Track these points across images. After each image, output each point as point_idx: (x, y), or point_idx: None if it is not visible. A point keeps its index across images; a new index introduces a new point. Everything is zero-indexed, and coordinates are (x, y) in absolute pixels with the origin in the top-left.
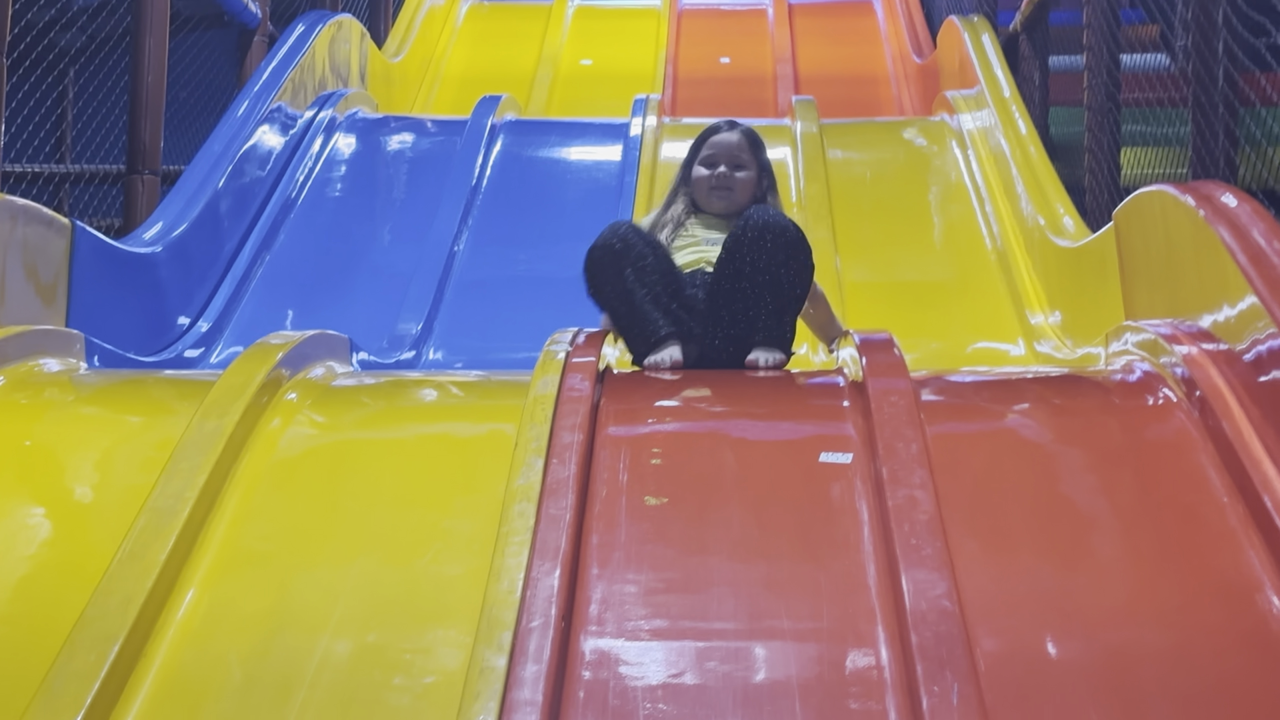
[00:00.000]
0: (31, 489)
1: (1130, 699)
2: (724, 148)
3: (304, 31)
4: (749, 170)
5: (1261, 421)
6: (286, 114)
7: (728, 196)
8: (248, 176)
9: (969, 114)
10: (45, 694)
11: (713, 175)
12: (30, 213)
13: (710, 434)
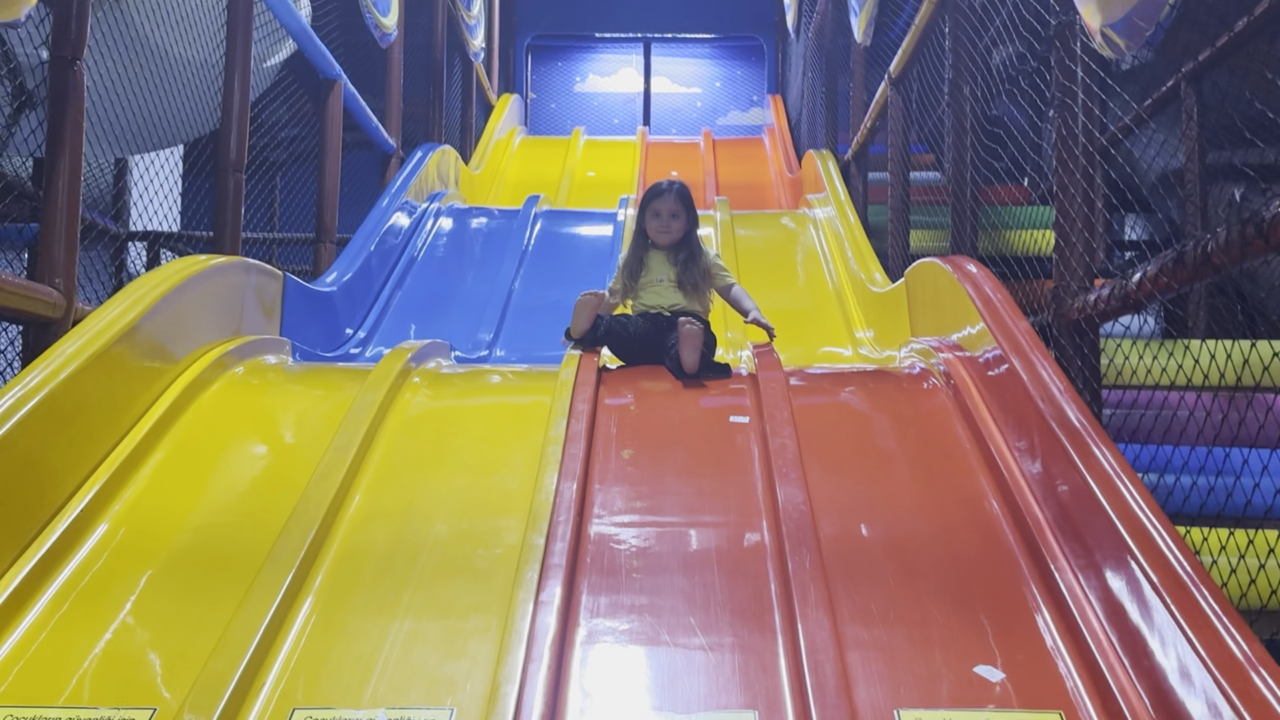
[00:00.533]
0: (261, 435)
1: (907, 561)
2: (665, 203)
3: (421, 155)
4: (680, 217)
5: (988, 398)
6: (411, 205)
7: (668, 235)
8: (388, 243)
9: (820, 208)
10: (273, 558)
11: (659, 222)
12: (258, 266)
13: (665, 405)
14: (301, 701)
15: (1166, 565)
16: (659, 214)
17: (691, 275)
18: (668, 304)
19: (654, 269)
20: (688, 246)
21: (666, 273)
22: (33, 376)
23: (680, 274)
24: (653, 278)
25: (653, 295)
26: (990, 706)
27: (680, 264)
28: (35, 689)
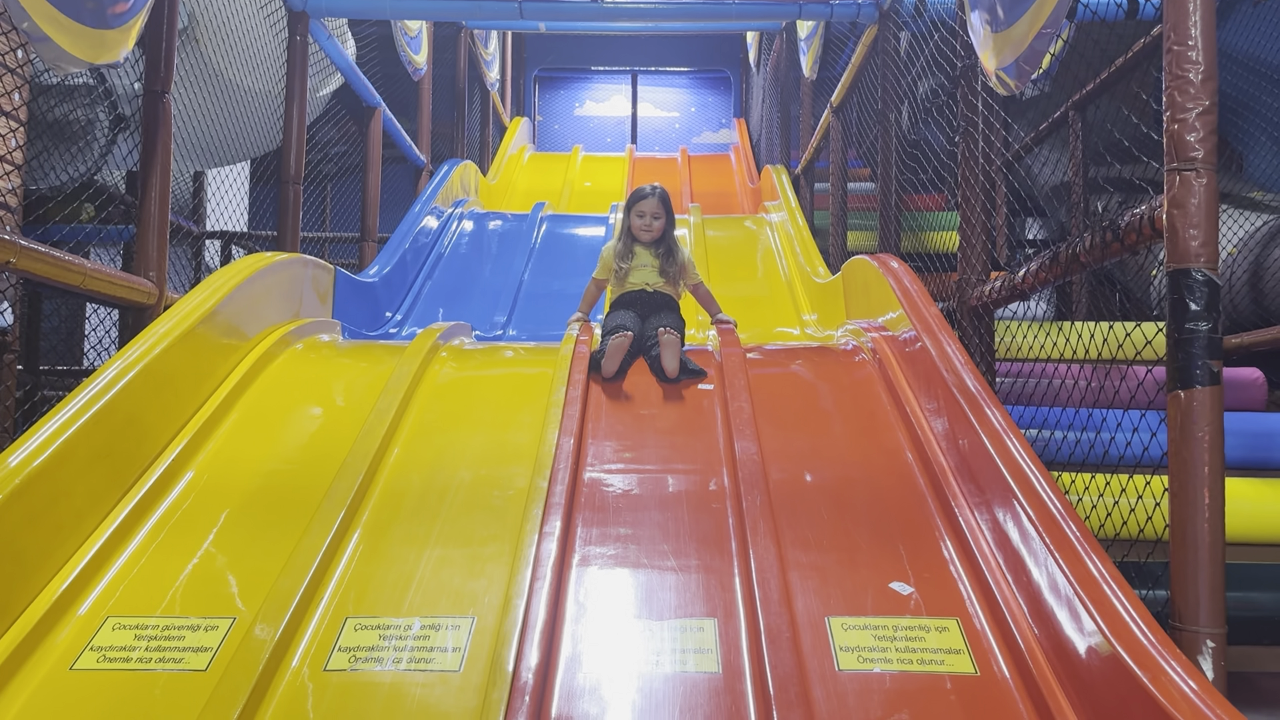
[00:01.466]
0: (317, 399)
1: (839, 499)
2: (648, 204)
3: (447, 169)
4: (661, 218)
5: (905, 369)
6: (438, 210)
7: (650, 232)
8: (420, 242)
9: (775, 213)
10: (329, 497)
11: (643, 221)
12: (314, 261)
13: (645, 375)
14: (353, 612)
15: (1041, 503)
16: (643, 214)
17: (671, 266)
18: (651, 282)
19: (639, 256)
20: (666, 243)
21: (650, 261)
22: (132, 351)
23: (662, 264)
24: (638, 263)
25: (639, 276)
26: (902, 614)
27: (661, 257)
28: (137, 603)
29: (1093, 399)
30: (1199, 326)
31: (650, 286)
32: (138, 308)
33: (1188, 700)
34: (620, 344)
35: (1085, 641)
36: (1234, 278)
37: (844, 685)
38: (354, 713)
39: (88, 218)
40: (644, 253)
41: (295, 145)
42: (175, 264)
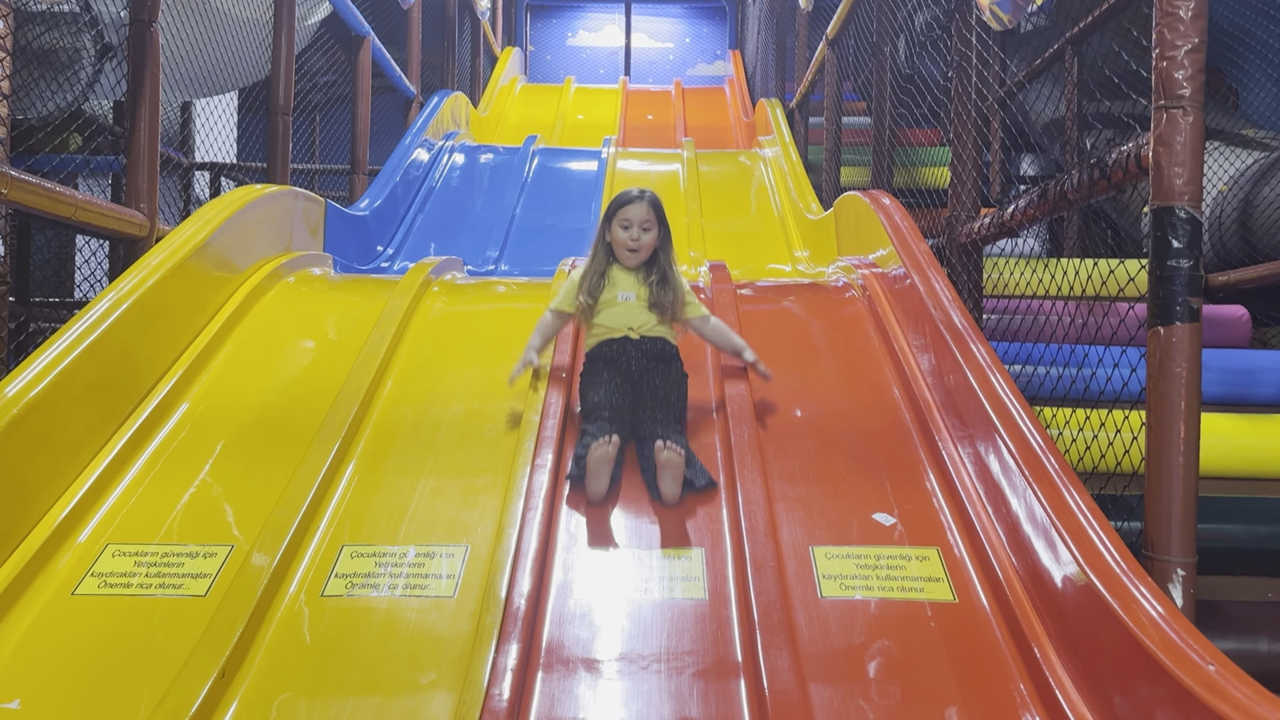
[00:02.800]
0: (310, 332)
1: (825, 434)
2: (636, 215)
3: (438, 100)
4: (653, 230)
5: (894, 306)
6: (429, 142)
7: (638, 251)
8: (410, 175)
9: (769, 148)
10: (323, 430)
11: (627, 236)
12: (304, 194)
13: None
14: (349, 540)
15: (1022, 437)
16: (629, 224)
17: (665, 298)
18: (637, 324)
19: (619, 283)
20: (659, 267)
21: (635, 289)
22: (125, 283)
23: (653, 296)
24: (616, 294)
25: (622, 315)
26: (885, 544)
27: (653, 285)
28: (135, 530)
29: (1076, 335)
30: (1180, 264)
31: (637, 331)
32: (129, 240)
33: (1156, 626)
34: (603, 458)
35: (1060, 570)
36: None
37: (826, 611)
38: (351, 637)
39: (75, 148)
40: (627, 279)
41: (284, 75)
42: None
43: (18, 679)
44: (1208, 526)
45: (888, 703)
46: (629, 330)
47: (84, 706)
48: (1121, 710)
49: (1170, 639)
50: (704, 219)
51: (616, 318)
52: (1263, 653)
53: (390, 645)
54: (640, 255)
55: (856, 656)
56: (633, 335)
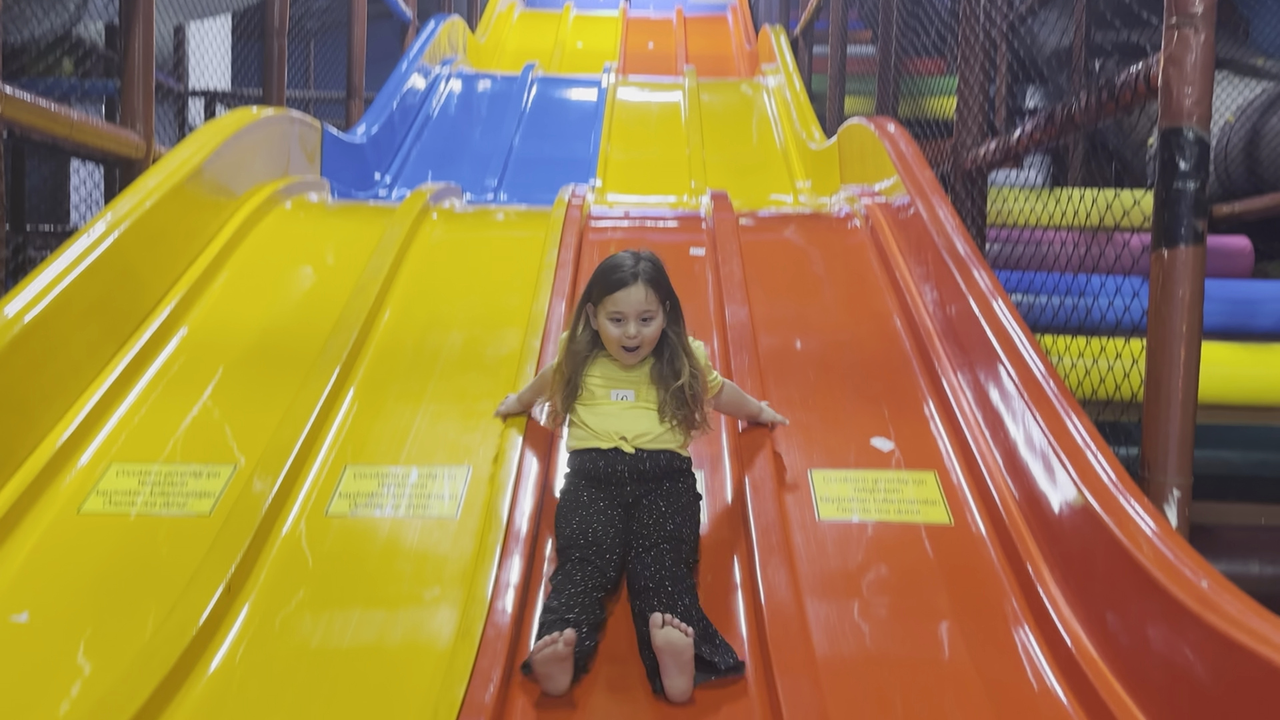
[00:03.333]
0: (309, 258)
1: (825, 362)
2: (631, 304)
3: (434, 25)
4: (657, 317)
5: (897, 235)
6: (426, 69)
7: (637, 354)
8: (407, 102)
9: (772, 77)
10: (324, 353)
11: (621, 334)
12: (301, 117)
13: (638, 241)
14: (352, 461)
15: (1022, 362)
16: (621, 318)
17: (680, 398)
18: (634, 434)
19: (610, 377)
20: (669, 353)
21: (635, 386)
22: (123, 204)
23: (660, 396)
24: (609, 390)
25: (607, 419)
26: (883, 467)
27: (658, 378)
28: (139, 450)
29: (1078, 264)
30: (1187, 185)
31: (635, 442)
32: (125, 161)
33: (1150, 542)
34: (553, 659)
35: (1057, 492)
36: (1230, 145)
37: (823, 533)
38: (355, 554)
39: (67, 72)
40: (618, 371)
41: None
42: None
43: (25, 594)
44: (1204, 453)
45: (882, 618)
46: (621, 441)
47: (91, 620)
48: (1114, 626)
49: (1163, 555)
50: (705, 150)
51: (606, 421)
52: (1254, 575)
53: (394, 562)
54: (642, 352)
55: (853, 575)
56: (626, 448)
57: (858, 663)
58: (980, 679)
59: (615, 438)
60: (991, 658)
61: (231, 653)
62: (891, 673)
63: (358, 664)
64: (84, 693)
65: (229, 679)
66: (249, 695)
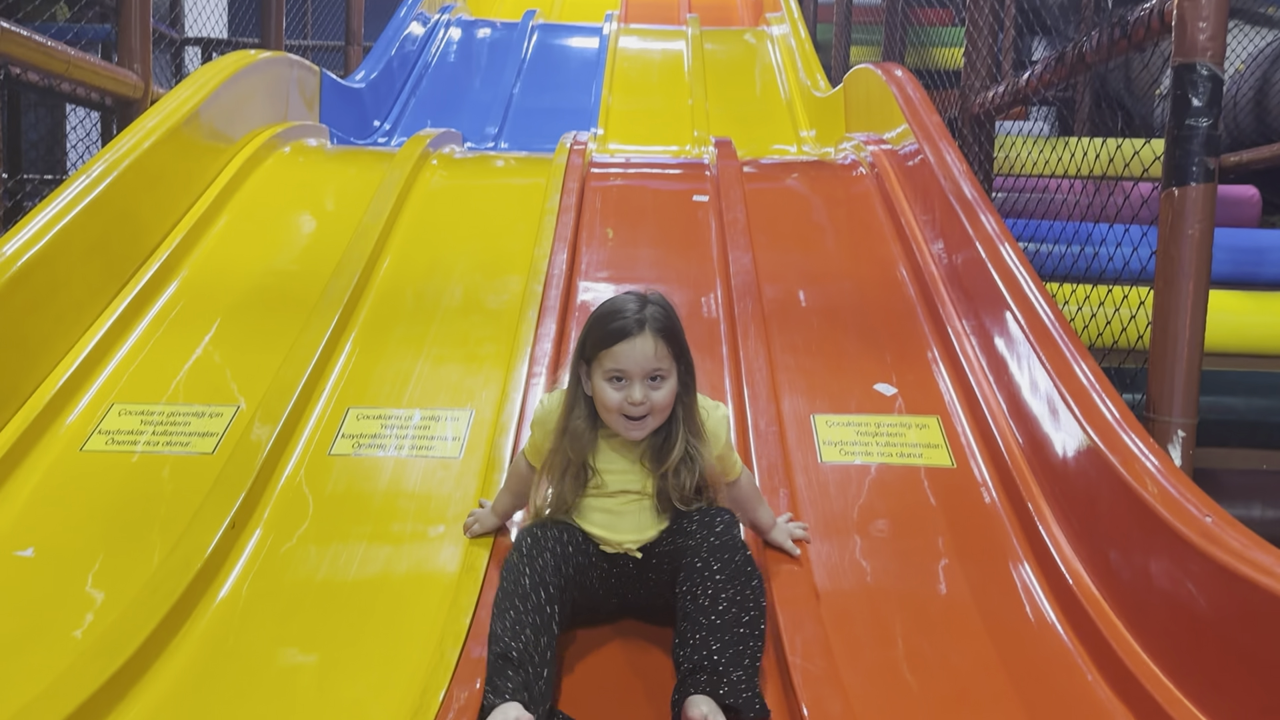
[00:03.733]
0: (308, 203)
1: (829, 309)
2: (636, 361)
3: None
4: (670, 379)
5: (904, 182)
6: (425, 16)
7: (644, 426)
8: (406, 49)
9: (776, 25)
10: (325, 297)
11: (623, 400)
12: (299, 62)
13: (640, 188)
14: (354, 402)
15: (1029, 306)
16: (624, 377)
17: (686, 482)
18: (644, 535)
19: (613, 465)
20: (676, 432)
21: (641, 480)
22: (122, 144)
23: (671, 479)
24: (610, 482)
25: (613, 519)
26: (885, 412)
27: (654, 455)
28: (141, 391)
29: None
30: (1199, 123)
31: (638, 542)
32: (123, 102)
33: (1154, 480)
34: None
35: (1061, 434)
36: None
37: (825, 475)
38: (359, 493)
39: (63, 17)
40: (623, 458)
41: None
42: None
43: (30, 530)
44: (1208, 399)
45: (884, 558)
46: (628, 545)
47: (97, 554)
48: (1115, 564)
49: (1168, 492)
50: (708, 99)
51: (616, 522)
52: (1256, 518)
53: (398, 501)
54: (650, 424)
55: (854, 516)
56: (633, 551)
57: (859, 599)
58: (980, 615)
59: (622, 545)
60: (992, 596)
61: (238, 585)
62: (893, 609)
63: (364, 596)
64: (93, 623)
65: (236, 609)
66: (257, 624)
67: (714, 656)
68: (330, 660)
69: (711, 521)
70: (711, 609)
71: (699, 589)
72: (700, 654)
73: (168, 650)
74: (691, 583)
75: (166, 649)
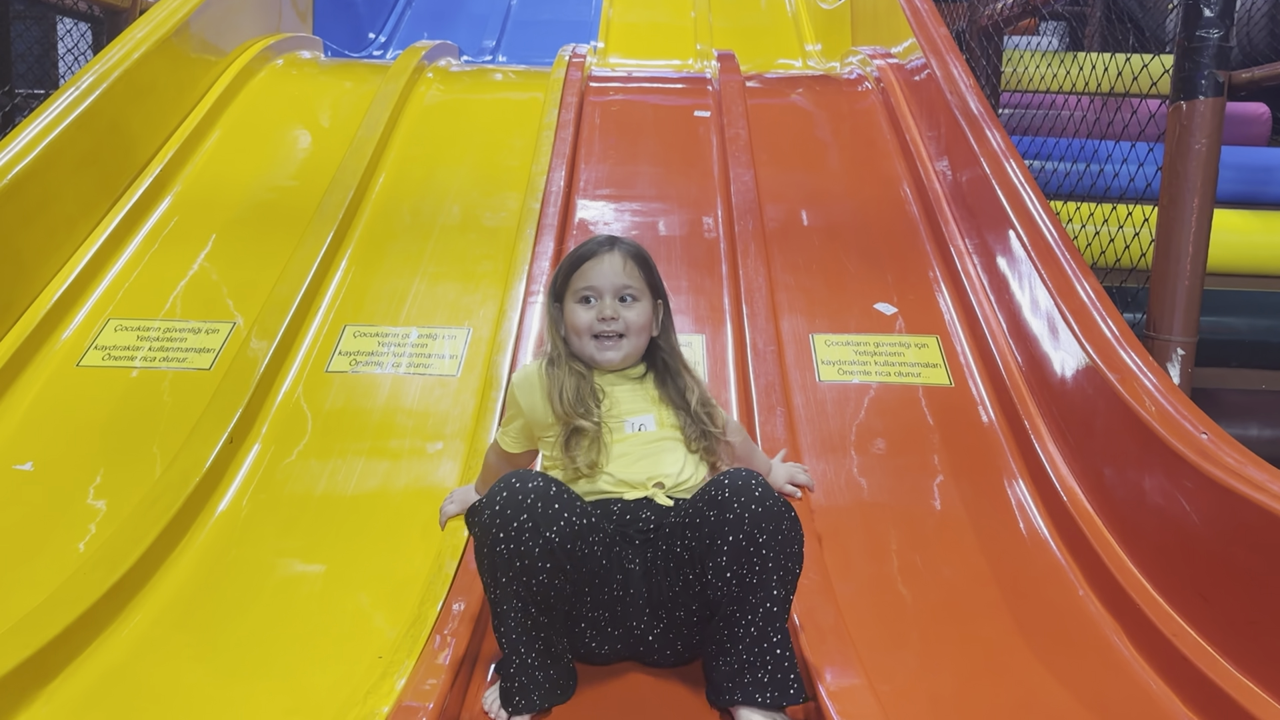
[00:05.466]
0: (301, 117)
1: (831, 227)
2: (605, 275)
3: None
4: (642, 301)
5: (910, 98)
6: None
7: (618, 347)
8: None
9: None
10: (320, 212)
11: (588, 316)
12: None
13: (641, 103)
14: (351, 320)
15: (1033, 224)
16: (593, 294)
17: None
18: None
19: (619, 400)
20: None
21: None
22: (111, 55)
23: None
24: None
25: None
26: (885, 332)
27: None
28: (136, 307)
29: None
30: (1210, 34)
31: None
32: (112, 12)
33: (1152, 397)
34: None
35: (1060, 353)
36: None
37: (823, 394)
38: (357, 409)
39: None
40: (630, 391)
41: None
42: None
43: (29, 444)
44: (1210, 319)
45: (879, 475)
46: (654, 489)
47: (96, 469)
48: (1110, 481)
49: (1165, 409)
50: (712, 12)
51: (630, 464)
52: (1253, 437)
53: (396, 418)
54: (625, 347)
55: (851, 435)
56: (661, 498)
57: (854, 516)
58: (974, 531)
59: (648, 484)
60: (986, 511)
61: (237, 498)
62: (887, 524)
63: (363, 510)
64: (94, 535)
65: (236, 522)
66: (256, 537)
67: (768, 656)
68: (330, 572)
69: (747, 486)
70: (764, 595)
71: (746, 570)
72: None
73: (168, 562)
74: (738, 564)
75: (166, 560)
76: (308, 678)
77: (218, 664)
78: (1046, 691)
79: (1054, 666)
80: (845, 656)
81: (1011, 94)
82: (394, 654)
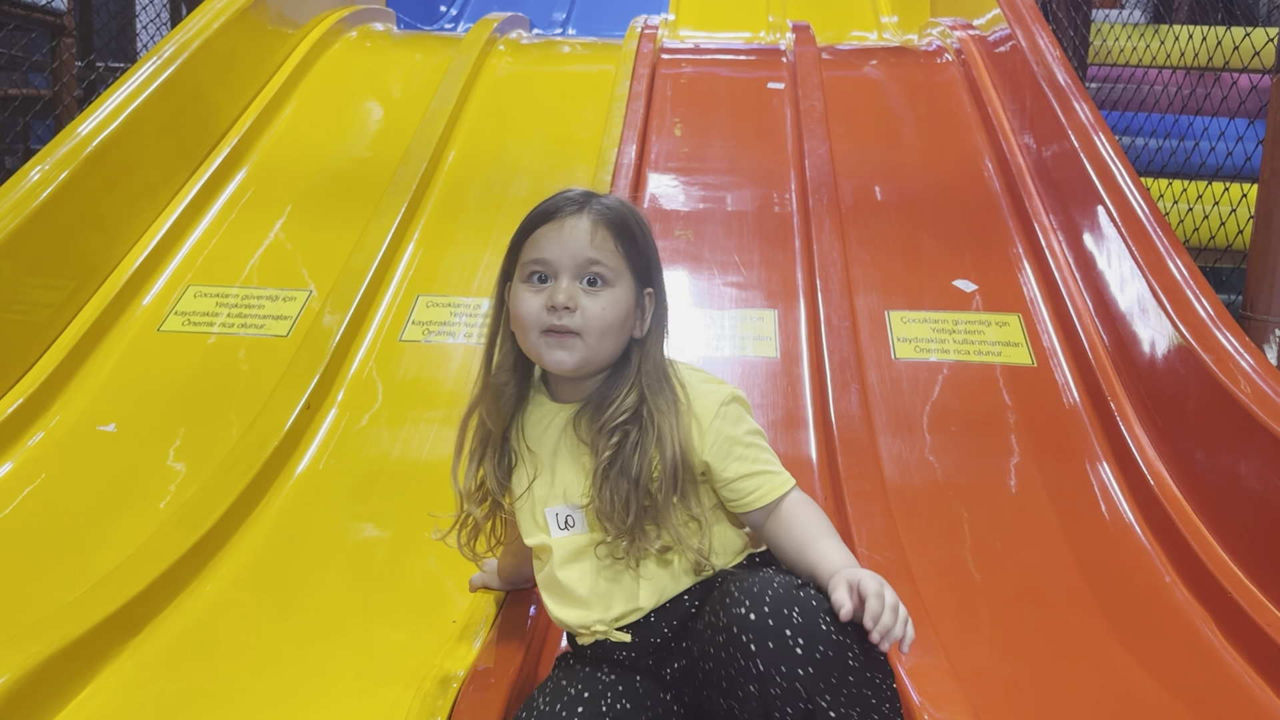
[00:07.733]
0: (375, 88)
1: (908, 202)
2: (564, 245)
3: None
4: (616, 286)
5: (992, 70)
6: None
7: (575, 349)
8: None
9: None
10: (394, 183)
11: (545, 308)
12: None
13: (713, 75)
14: (423, 290)
15: (1124, 200)
16: (547, 274)
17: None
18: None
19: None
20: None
21: (579, 479)
22: (192, 25)
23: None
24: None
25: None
26: (964, 309)
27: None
28: (215, 274)
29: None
30: None
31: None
32: None
33: (1249, 379)
34: None
35: (1150, 331)
36: None
37: (899, 371)
38: (429, 378)
39: None
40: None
41: None
42: None
43: (112, 405)
44: None
45: (956, 455)
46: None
47: (176, 431)
48: (1202, 465)
49: (1263, 392)
50: None
51: (563, 597)
52: None
53: (468, 387)
54: (580, 349)
55: (927, 414)
56: (617, 635)
57: (929, 495)
58: (1055, 514)
59: (606, 622)
60: (1068, 495)
61: (314, 462)
62: (964, 505)
63: (436, 476)
64: (175, 494)
65: (311, 485)
66: (332, 500)
67: None
68: (403, 535)
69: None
70: None
71: None
72: None
73: (247, 522)
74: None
75: (246, 520)
76: (382, 639)
77: (295, 624)
78: (1132, 678)
79: (1140, 654)
80: (924, 636)
81: (1098, 68)
82: (469, 618)
